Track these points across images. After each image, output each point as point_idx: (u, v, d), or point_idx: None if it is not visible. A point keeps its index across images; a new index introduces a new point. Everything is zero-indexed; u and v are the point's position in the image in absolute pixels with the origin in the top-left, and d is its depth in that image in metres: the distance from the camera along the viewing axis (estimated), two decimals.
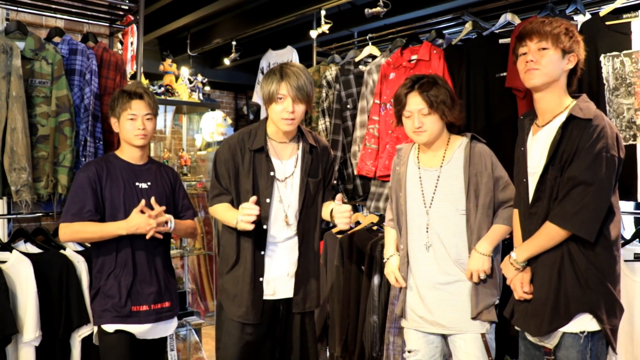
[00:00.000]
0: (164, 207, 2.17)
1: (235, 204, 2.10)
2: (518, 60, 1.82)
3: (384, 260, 2.21)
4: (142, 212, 2.10)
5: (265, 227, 2.10)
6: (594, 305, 1.67)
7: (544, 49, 1.73)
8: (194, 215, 2.45)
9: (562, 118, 1.75)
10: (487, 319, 1.98)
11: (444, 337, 2.08)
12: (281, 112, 2.03)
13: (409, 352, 2.11)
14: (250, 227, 1.93)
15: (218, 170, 2.14)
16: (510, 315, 1.90)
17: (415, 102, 2.01)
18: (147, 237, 2.12)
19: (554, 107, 1.78)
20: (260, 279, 2.11)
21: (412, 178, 2.11)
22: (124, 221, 2.13)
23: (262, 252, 2.11)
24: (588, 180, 1.63)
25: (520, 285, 1.80)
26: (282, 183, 2.12)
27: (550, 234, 1.70)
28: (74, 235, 2.17)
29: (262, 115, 4.38)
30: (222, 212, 2.09)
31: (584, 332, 1.67)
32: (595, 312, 1.66)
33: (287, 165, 2.14)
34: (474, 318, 1.97)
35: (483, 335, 1.99)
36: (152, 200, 2.15)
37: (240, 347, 2.10)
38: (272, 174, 2.10)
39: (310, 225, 2.20)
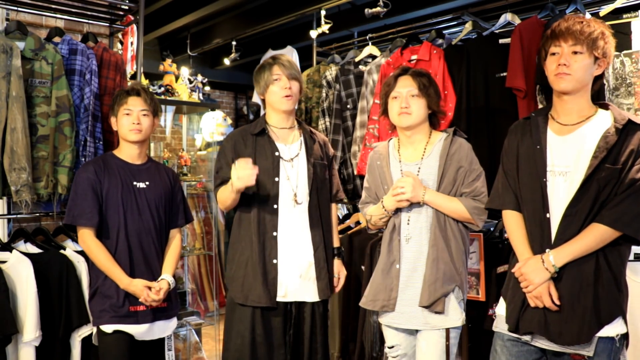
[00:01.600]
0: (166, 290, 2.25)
1: None
2: (548, 58, 1.75)
3: (382, 207, 2.06)
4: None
5: (275, 206, 2.15)
6: (624, 307, 1.66)
7: (578, 52, 1.67)
8: (185, 222, 2.45)
9: (601, 120, 1.71)
10: (441, 310, 1.95)
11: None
12: (280, 91, 2.17)
13: (390, 348, 2.11)
14: (247, 182, 1.99)
15: (221, 161, 2.22)
16: (514, 325, 1.75)
17: (404, 84, 2.06)
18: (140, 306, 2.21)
19: (583, 109, 1.74)
20: (274, 261, 2.13)
21: (394, 172, 2.11)
22: (128, 279, 2.18)
23: (275, 233, 2.14)
24: None
25: (548, 294, 1.66)
26: (289, 163, 2.20)
27: (602, 236, 1.62)
28: (86, 250, 2.23)
29: None
30: (223, 190, 2.14)
31: (618, 335, 1.64)
32: (624, 314, 1.65)
33: (291, 148, 2.24)
34: (426, 306, 1.95)
35: (447, 333, 1.97)
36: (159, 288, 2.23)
37: (250, 350, 2.09)
38: (277, 154, 2.19)
39: (322, 206, 2.25)
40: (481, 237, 2.56)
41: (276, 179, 2.16)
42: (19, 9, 2.78)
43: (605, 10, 2.22)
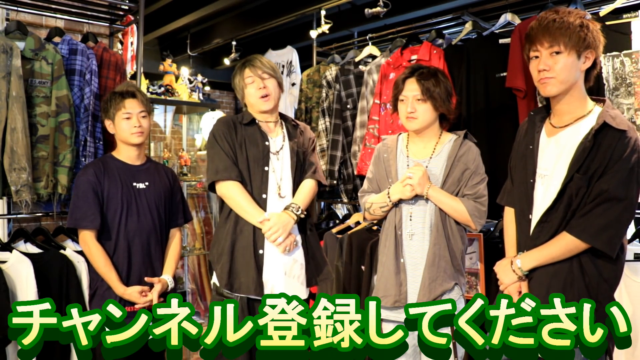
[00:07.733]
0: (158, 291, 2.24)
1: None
2: (530, 63, 1.69)
3: (387, 195, 2.08)
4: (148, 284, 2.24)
5: (264, 196, 2.12)
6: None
7: (556, 52, 1.59)
8: (184, 221, 2.45)
9: (589, 123, 1.63)
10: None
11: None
12: (256, 92, 2.14)
13: None
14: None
15: (219, 143, 2.13)
16: None
17: (411, 88, 2.06)
18: (137, 307, 2.18)
19: (575, 109, 1.66)
20: (260, 251, 2.09)
21: (401, 167, 2.13)
22: (122, 287, 2.18)
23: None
24: (619, 196, 1.55)
25: (517, 294, 1.69)
26: (275, 155, 2.17)
27: (568, 246, 1.61)
28: (86, 253, 2.24)
29: None
30: (245, 203, 2.08)
31: None
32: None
33: (276, 140, 2.20)
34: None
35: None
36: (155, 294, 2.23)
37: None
38: (267, 143, 2.16)
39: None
40: (481, 237, 2.56)
41: (265, 168, 2.14)
42: (19, 9, 2.78)
43: (605, 10, 2.22)
